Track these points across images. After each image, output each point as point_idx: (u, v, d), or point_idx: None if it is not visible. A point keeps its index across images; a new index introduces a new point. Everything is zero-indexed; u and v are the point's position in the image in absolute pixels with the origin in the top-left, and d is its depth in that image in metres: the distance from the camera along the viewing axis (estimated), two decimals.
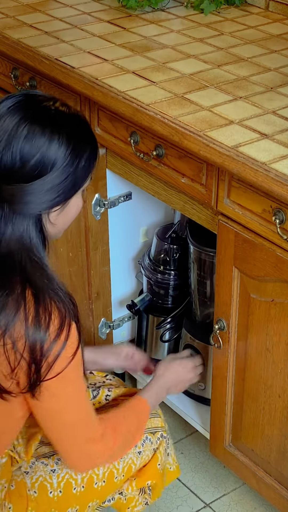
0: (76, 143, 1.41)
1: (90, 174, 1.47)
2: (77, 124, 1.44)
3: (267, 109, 1.79)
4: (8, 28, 2.24)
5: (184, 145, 1.71)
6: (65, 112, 1.43)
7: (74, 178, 1.41)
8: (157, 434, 1.78)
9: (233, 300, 1.81)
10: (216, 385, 1.97)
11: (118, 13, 2.36)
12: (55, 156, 1.38)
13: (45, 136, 1.37)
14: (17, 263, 1.39)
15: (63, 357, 1.41)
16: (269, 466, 1.93)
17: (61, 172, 1.39)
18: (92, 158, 1.45)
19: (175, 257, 2.30)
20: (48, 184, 1.38)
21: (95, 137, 1.49)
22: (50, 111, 1.41)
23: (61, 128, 1.39)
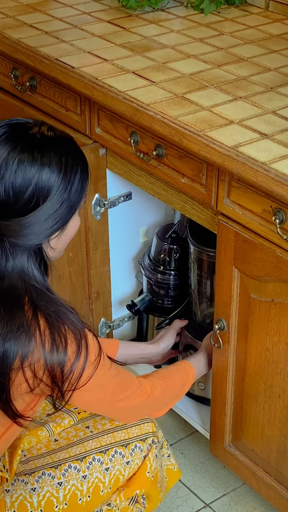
0: (67, 166, 1.40)
1: (84, 194, 1.46)
2: (65, 146, 1.43)
3: (267, 109, 1.80)
4: (8, 28, 2.24)
5: (184, 145, 1.71)
6: (51, 137, 1.42)
7: (69, 203, 1.41)
8: (147, 441, 1.74)
9: (233, 300, 1.81)
10: (216, 385, 1.97)
11: (118, 13, 2.36)
12: (48, 184, 1.37)
13: (35, 165, 1.36)
14: (22, 294, 1.39)
15: (89, 365, 1.44)
16: (269, 466, 1.93)
17: (57, 199, 1.38)
18: (84, 178, 1.45)
19: (175, 257, 2.30)
20: (45, 214, 1.37)
21: (84, 156, 1.48)
22: (36, 138, 1.40)
23: (50, 154, 1.38)
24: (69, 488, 1.64)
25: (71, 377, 1.42)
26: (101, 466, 1.67)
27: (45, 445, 1.71)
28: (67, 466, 1.65)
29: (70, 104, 2.08)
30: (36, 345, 1.37)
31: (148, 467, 1.73)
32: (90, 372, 1.46)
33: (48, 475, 1.63)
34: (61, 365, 1.39)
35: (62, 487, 1.63)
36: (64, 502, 1.63)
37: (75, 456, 1.67)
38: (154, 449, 1.74)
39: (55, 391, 1.42)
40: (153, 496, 1.78)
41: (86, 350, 1.43)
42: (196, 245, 2.07)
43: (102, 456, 1.68)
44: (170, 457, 1.86)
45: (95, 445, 1.69)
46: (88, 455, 1.67)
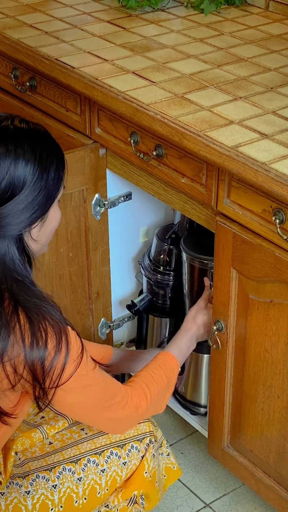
0: (42, 156, 1.40)
1: (61, 183, 1.47)
2: (39, 138, 1.44)
3: (267, 109, 1.79)
4: (8, 28, 2.24)
5: (184, 145, 1.71)
6: (24, 128, 1.42)
7: (46, 191, 1.41)
8: (145, 441, 1.73)
9: (231, 301, 1.81)
10: (214, 386, 1.96)
11: (118, 13, 2.36)
12: (23, 174, 1.38)
13: (10, 156, 1.37)
14: (3, 287, 1.39)
15: (70, 362, 1.42)
16: (268, 467, 1.93)
17: (33, 188, 1.39)
18: (60, 167, 1.45)
19: (175, 257, 2.29)
20: (22, 203, 1.38)
21: (59, 147, 1.48)
22: (9, 129, 1.40)
23: (24, 146, 1.39)
24: (64, 490, 1.63)
25: (52, 374, 1.40)
26: (96, 468, 1.66)
27: (39, 447, 1.70)
28: (62, 469, 1.64)
29: (70, 104, 2.08)
30: (16, 339, 1.36)
31: (145, 467, 1.73)
32: (72, 370, 1.43)
33: (42, 477, 1.62)
34: (42, 360, 1.38)
35: (57, 489, 1.62)
36: (60, 504, 1.62)
37: (70, 458, 1.66)
38: (152, 448, 1.74)
39: (36, 388, 1.41)
40: (152, 496, 1.77)
41: (67, 345, 1.41)
42: (188, 252, 2.09)
43: (97, 458, 1.67)
44: (170, 456, 1.85)
45: (90, 446, 1.68)
46: (83, 457, 1.66)
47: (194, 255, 2.07)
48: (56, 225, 1.50)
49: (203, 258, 2.06)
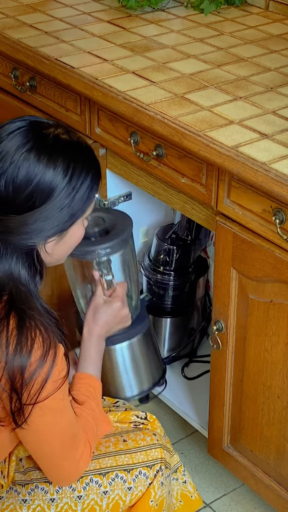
0: (75, 172, 1.35)
1: (90, 204, 1.40)
2: (78, 152, 1.37)
3: (267, 109, 1.79)
4: (8, 28, 2.24)
5: (184, 145, 1.71)
6: (65, 139, 1.36)
7: (71, 210, 1.36)
8: (155, 467, 1.63)
9: (231, 301, 1.81)
10: (214, 386, 1.96)
11: (118, 13, 2.36)
12: (50, 186, 1.32)
13: (40, 165, 1.31)
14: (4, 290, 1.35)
15: (51, 381, 1.35)
16: (268, 467, 1.93)
17: (58, 204, 1.33)
18: (93, 188, 1.39)
19: (175, 257, 2.30)
20: (42, 216, 1.32)
21: (98, 165, 1.42)
22: (49, 138, 1.35)
23: (58, 157, 1.33)
24: (61, 506, 1.56)
25: (31, 387, 1.33)
26: (98, 489, 1.58)
27: None
28: None
29: (70, 104, 2.08)
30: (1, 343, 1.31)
31: (152, 495, 1.63)
32: (51, 390, 1.36)
33: (41, 489, 1.56)
34: (22, 369, 1.31)
35: (55, 504, 1.56)
36: None
37: None
38: (160, 476, 1.64)
39: (13, 400, 1.33)
40: None
41: (53, 361, 1.34)
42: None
43: (101, 479, 1.59)
44: (187, 484, 1.78)
45: (94, 466, 1.60)
46: (86, 475, 1.58)
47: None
48: (77, 242, 1.45)
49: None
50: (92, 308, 1.73)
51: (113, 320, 1.73)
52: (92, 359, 1.68)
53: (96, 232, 1.80)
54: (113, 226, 1.80)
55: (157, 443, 1.67)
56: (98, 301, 1.74)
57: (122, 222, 1.82)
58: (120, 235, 1.77)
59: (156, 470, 1.63)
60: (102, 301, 1.73)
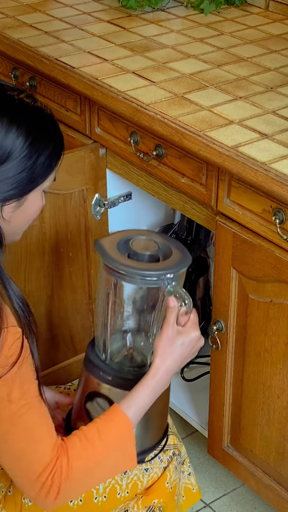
0: (37, 137, 1.35)
1: (51, 173, 1.40)
2: (41, 118, 1.38)
3: (267, 109, 1.79)
4: (8, 28, 2.24)
5: (184, 145, 1.71)
6: (29, 104, 1.38)
7: (31, 174, 1.35)
8: (168, 452, 1.66)
9: (231, 301, 1.81)
10: (214, 386, 1.96)
11: (118, 13, 2.36)
12: (11, 146, 1.32)
13: (2, 125, 1.31)
14: None
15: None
16: (268, 467, 1.93)
17: (17, 164, 1.33)
18: (54, 156, 1.40)
19: None
20: (1, 175, 1.32)
21: (61, 136, 1.43)
22: (12, 101, 1.36)
23: (21, 119, 1.33)
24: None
25: None
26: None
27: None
28: None
29: (70, 104, 2.08)
30: None
31: (168, 477, 1.66)
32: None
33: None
34: None
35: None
36: (80, 498, 1.54)
37: None
38: (175, 461, 1.67)
39: None
40: (169, 509, 1.68)
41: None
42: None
43: None
44: (191, 476, 1.79)
45: None
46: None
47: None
48: (34, 214, 1.43)
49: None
50: (166, 339, 1.46)
51: (189, 352, 1.51)
52: (144, 401, 1.45)
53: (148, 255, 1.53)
54: (167, 250, 1.54)
55: (171, 430, 1.69)
56: (173, 332, 1.48)
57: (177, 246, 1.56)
58: (187, 258, 1.52)
59: (169, 456, 1.66)
60: (176, 331, 1.49)
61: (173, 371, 1.48)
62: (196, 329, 1.51)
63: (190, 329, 1.50)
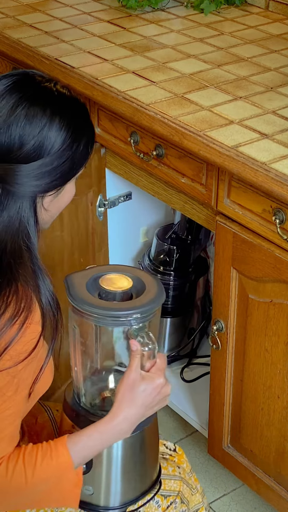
0: (76, 127, 1.36)
1: (86, 160, 1.42)
2: (78, 108, 1.39)
3: (267, 109, 1.79)
4: (8, 28, 2.24)
5: (184, 145, 1.71)
6: (66, 94, 1.38)
7: (72, 163, 1.36)
8: (169, 499, 1.52)
9: (231, 301, 1.80)
10: (214, 386, 1.97)
11: (118, 13, 2.36)
12: (55, 138, 1.33)
13: (46, 118, 1.32)
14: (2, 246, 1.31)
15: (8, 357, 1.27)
16: (268, 467, 1.93)
17: (60, 155, 1.34)
18: (90, 144, 1.41)
19: (175, 257, 2.30)
20: (46, 166, 1.33)
21: (92, 125, 1.45)
22: (51, 92, 1.36)
23: (62, 110, 1.34)
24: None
25: None
26: None
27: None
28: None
29: None
30: None
31: None
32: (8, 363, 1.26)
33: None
34: None
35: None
36: None
37: None
38: (173, 509, 1.54)
39: None
40: None
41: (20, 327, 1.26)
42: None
43: None
44: None
45: None
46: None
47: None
48: (68, 201, 1.44)
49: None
50: (127, 385, 1.37)
51: (154, 401, 1.40)
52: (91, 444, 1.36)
53: (119, 293, 1.43)
54: (140, 286, 1.44)
55: (178, 475, 1.58)
56: (135, 377, 1.37)
57: (150, 282, 1.45)
58: (159, 296, 1.41)
59: (170, 502, 1.53)
60: (141, 376, 1.38)
61: (134, 419, 1.38)
62: (160, 376, 1.40)
63: (154, 376, 1.39)
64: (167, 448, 1.66)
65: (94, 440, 1.36)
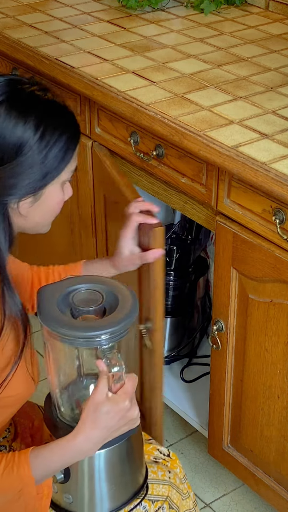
0: (46, 130, 1.29)
1: (65, 165, 1.33)
2: (52, 111, 1.31)
3: (267, 109, 1.79)
4: (8, 28, 2.24)
5: (184, 145, 1.71)
6: (39, 96, 1.32)
7: (43, 168, 1.30)
8: (157, 504, 1.50)
9: (231, 301, 1.80)
10: (214, 386, 1.97)
11: (118, 13, 2.36)
12: (20, 141, 1.27)
13: (10, 119, 1.27)
14: None
15: None
16: (268, 467, 1.93)
17: (28, 159, 1.28)
18: (68, 147, 1.32)
19: (175, 257, 2.29)
20: (11, 172, 1.27)
21: (74, 127, 1.36)
22: (22, 94, 1.30)
23: (29, 112, 1.28)
24: None
25: None
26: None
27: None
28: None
29: (70, 104, 2.06)
30: None
31: None
32: None
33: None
34: None
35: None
36: None
37: None
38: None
39: None
40: None
41: None
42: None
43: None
44: None
45: None
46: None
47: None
48: (55, 206, 1.37)
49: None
50: (91, 406, 1.32)
51: (117, 424, 1.34)
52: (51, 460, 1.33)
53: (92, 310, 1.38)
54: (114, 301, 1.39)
55: (168, 480, 1.55)
56: (100, 398, 1.32)
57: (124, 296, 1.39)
58: (131, 314, 1.35)
59: (158, 507, 1.51)
60: (105, 398, 1.33)
61: (96, 440, 1.33)
62: (125, 399, 1.33)
63: (119, 398, 1.33)
64: (161, 453, 1.64)
65: (55, 455, 1.32)
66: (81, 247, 2.24)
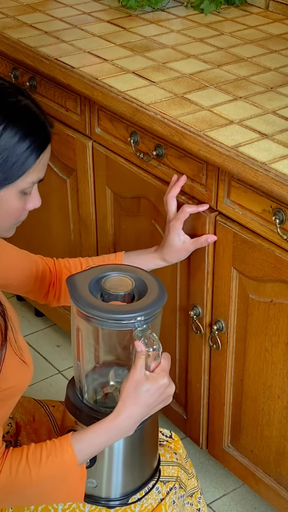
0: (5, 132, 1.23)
1: (25, 172, 1.27)
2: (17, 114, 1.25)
3: (267, 109, 1.79)
4: (8, 28, 2.24)
5: (184, 145, 1.71)
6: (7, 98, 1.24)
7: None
8: (169, 484, 1.54)
9: (231, 301, 1.81)
10: (214, 386, 1.97)
11: (118, 13, 2.36)
12: None
13: None
14: None
15: None
16: (268, 467, 1.93)
17: None
18: (31, 155, 1.26)
19: None
20: None
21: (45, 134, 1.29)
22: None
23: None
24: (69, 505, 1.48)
25: None
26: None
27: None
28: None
29: (70, 104, 2.08)
30: None
31: (162, 511, 1.53)
32: None
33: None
34: None
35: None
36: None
37: None
38: (173, 494, 1.55)
39: None
40: None
41: None
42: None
43: None
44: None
45: None
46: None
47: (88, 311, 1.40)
48: (13, 213, 1.31)
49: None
50: (131, 384, 1.36)
51: (157, 400, 1.39)
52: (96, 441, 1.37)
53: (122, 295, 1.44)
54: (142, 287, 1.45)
55: (176, 461, 1.60)
56: (140, 376, 1.37)
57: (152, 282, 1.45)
58: (161, 298, 1.42)
59: (169, 488, 1.56)
60: (145, 376, 1.38)
61: (137, 417, 1.38)
62: (164, 377, 1.39)
63: (158, 376, 1.39)
64: (163, 434, 1.69)
65: (99, 437, 1.37)
66: (81, 247, 2.24)
